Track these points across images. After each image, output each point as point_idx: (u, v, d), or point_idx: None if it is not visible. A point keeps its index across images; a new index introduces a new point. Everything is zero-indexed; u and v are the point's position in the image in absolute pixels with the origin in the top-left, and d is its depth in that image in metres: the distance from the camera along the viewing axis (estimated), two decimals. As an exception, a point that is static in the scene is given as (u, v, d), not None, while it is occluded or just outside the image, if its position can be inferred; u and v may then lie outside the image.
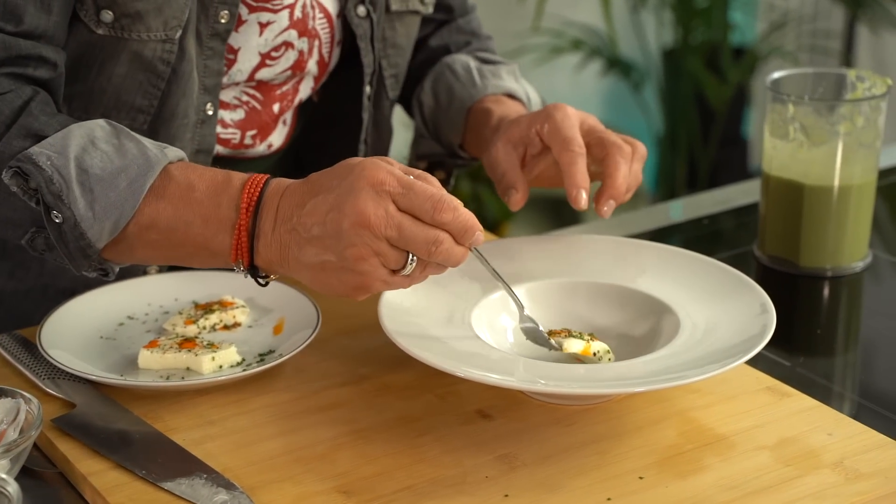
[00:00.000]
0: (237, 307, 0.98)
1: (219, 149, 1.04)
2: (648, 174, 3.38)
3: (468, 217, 0.81)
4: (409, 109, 1.21)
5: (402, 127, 1.23)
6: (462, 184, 2.91)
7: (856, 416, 0.90)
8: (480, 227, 0.82)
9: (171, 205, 0.86)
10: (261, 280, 0.87)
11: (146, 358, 0.91)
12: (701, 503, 0.77)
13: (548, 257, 0.99)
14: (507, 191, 0.98)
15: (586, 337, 0.89)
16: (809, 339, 1.06)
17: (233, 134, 1.04)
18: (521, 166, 0.99)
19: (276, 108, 1.06)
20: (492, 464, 0.82)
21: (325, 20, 1.04)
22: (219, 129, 1.03)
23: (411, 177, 0.82)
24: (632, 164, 0.97)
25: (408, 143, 1.22)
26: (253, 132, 1.06)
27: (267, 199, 0.84)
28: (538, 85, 1.21)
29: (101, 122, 0.88)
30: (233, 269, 1.06)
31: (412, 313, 0.91)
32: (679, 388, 0.89)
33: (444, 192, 0.81)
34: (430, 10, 1.13)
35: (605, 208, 0.95)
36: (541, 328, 0.90)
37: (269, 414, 0.88)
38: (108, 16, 0.92)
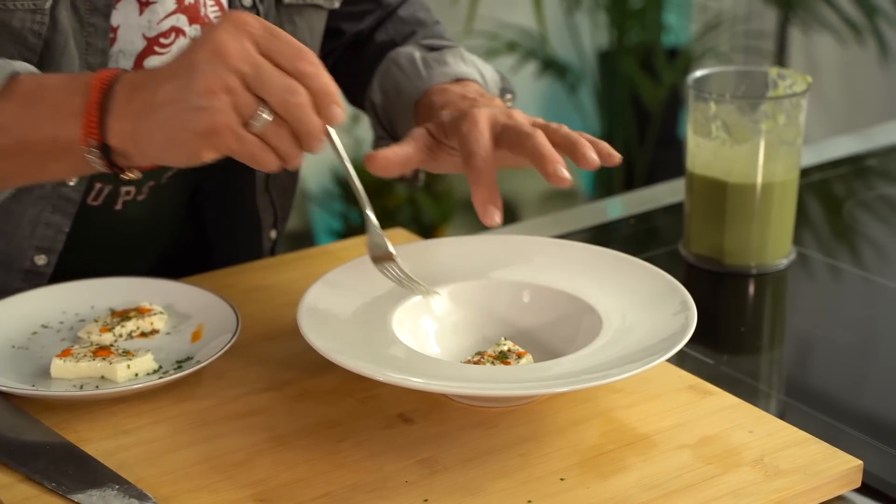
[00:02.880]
0: (155, 314, 0.96)
1: None
2: (585, 175, 3.39)
3: (329, 80, 0.78)
4: (357, 104, 1.19)
5: (336, 130, 1.21)
6: (398, 187, 2.90)
7: (780, 414, 0.91)
8: (340, 101, 0.79)
9: (21, 105, 0.83)
10: (117, 167, 0.83)
11: (59, 367, 0.89)
12: (622, 503, 0.77)
13: (469, 258, 0.98)
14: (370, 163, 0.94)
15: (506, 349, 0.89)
16: (734, 337, 1.06)
17: None
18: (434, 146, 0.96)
19: None
20: (412, 468, 0.81)
21: (216, 8, 1.02)
22: None
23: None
24: (556, 137, 0.90)
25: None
26: None
27: (123, 79, 0.81)
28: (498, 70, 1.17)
29: None
30: (152, 275, 1.05)
31: (332, 317, 0.89)
32: (602, 388, 0.89)
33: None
34: (336, 4, 1.11)
35: (561, 173, 0.88)
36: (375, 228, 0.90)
37: (186, 422, 0.86)
38: None
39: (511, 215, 2.98)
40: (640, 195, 1.39)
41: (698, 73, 1.14)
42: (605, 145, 0.89)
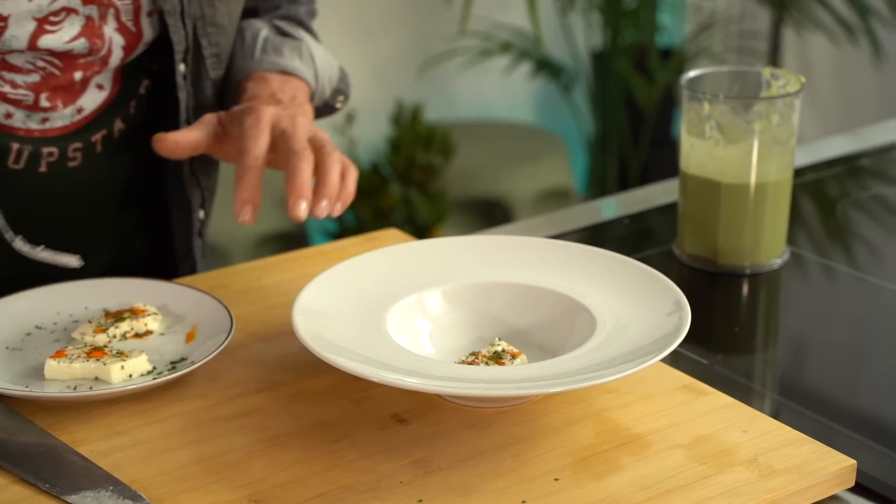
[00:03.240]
0: (149, 314, 0.96)
1: (9, 108, 1.01)
2: (579, 175, 3.39)
3: None
4: None
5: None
6: (392, 187, 2.90)
7: (774, 414, 0.91)
8: None
9: None
10: None
11: (53, 368, 0.89)
12: (616, 503, 0.77)
13: (463, 259, 0.98)
14: (173, 153, 0.99)
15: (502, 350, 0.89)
16: (728, 337, 1.07)
17: (24, 95, 1.00)
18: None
19: (77, 75, 1.02)
20: (406, 468, 0.81)
21: None
22: (7, 88, 1.00)
23: None
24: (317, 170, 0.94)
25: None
26: (47, 94, 1.02)
27: None
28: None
29: None
30: (145, 276, 1.05)
31: (326, 318, 0.89)
32: (596, 388, 0.89)
33: None
34: None
35: (298, 211, 0.92)
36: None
37: (180, 423, 0.86)
38: None
39: (505, 216, 2.98)
40: (634, 195, 1.39)
41: (692, 74, 1.14)
42: (345, 195, 0.94)
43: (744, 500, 0.77)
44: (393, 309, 0.92)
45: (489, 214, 3.01)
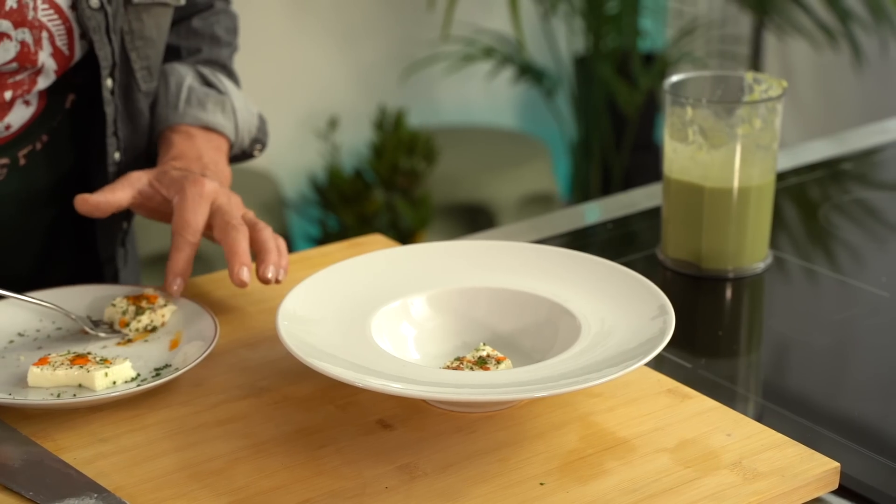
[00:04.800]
0: (165, 305, 0.97)
1: None
2: (562, 180, 3.40)
3: None
4: None
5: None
6: (376, 193, 2.90)
7: (758, 417, 0.91)
8: None
9: None
10: None
11: (36, 376, 0.88)
12: (601, 508, 0.77)
13: (447, 264, 0.98)
14: (92, 213, 1.00)
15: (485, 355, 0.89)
16: (712, 340, 1.07)
17: None
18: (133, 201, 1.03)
19: (7, 95, 1.02)
20: (392, 474, 0.81)
21: (52, 11, 1.01)
22: None
23: None
24: (254, 243, 0.99)
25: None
26: None
27: None
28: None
29: None
30: (129, 283, 1.05)
31: (311, 324, 0.89)
32: (581, 393, 0.89)
33: None
34: (182, 1, 1.11)
35: (269, 274, 0.96)
36: (94, 332, 0.96)
37: (164, 430, 0.86)
38: None
39: (489, 221, 2.98)
40: (617, 200, 1.39)
41: (675, 78, 1.15)
42: (284, 263, 0.98)
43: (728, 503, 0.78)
44: (377, 314, 0.92)
45: (473, 220, 3.01)
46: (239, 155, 1.18)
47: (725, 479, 0.80)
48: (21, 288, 1.01)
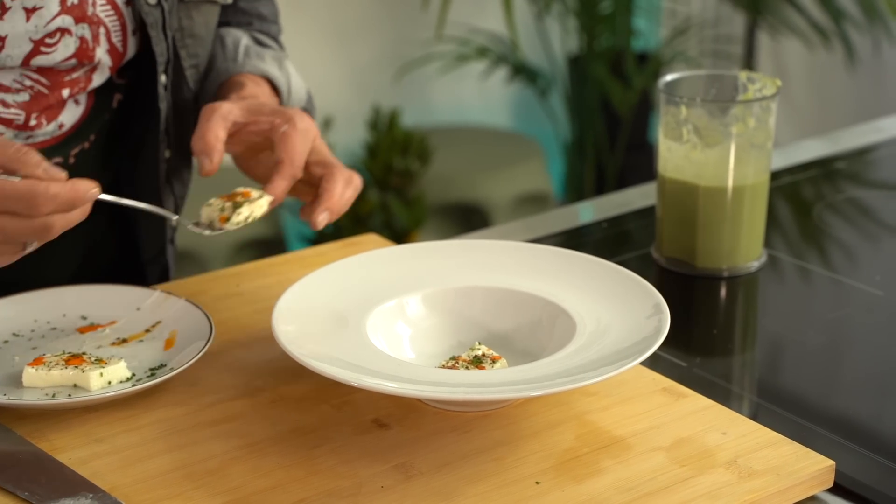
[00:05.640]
0: (261, 196, 0.95)
1: (1, 128, 1.01)
2: (557, 180, 3.40)
3: (70, 195, 0.81)
4: None
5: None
6: (370, 193, 2.90)
7: (753, 415, 0.91)
8: (91, 186, 0.83)
9: None
10: None
11: (31, 376, 0.88)
12: (597, 506, 0.77)
13: (442, 263, 0.98)
14: (201, 156, 0.96)
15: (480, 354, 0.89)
16: (706, 339, 1.07)
17: (15, 115, 1.00)
18: (230, 135, 0.99)
19: (65, 92, 1.02)
20: (388, 473, 0.81)
21: (109, 7, 1.02)
22: None
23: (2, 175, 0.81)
24: (347, 188, 0.98)
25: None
26: (37, 113, 1.02)
27: None
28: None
29: None
30: (126, 283, 1.05)
31: (306, 323, 0.89)
32: (576, 392, 0.89)
33: (40, 178, 0.82)
34: (230, 0, 1.12)
35: (321, 218, 0.96)
36: (191, 224, 0.94)
37: (159, 430, 0.86)
38: None
39: (483, 220, 2.98)
40: (611, 199, 1.39)
41: (669, 78, 1.15)
42: (334, 214, 0.97)
43: (724, 502, 0.78)
44: (373, 314, 0.92)
45: (467, 219, 3.01)
46: None
47: (721, 477, 0.80)
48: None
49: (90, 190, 0.83)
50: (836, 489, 0.83)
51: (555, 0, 3.06)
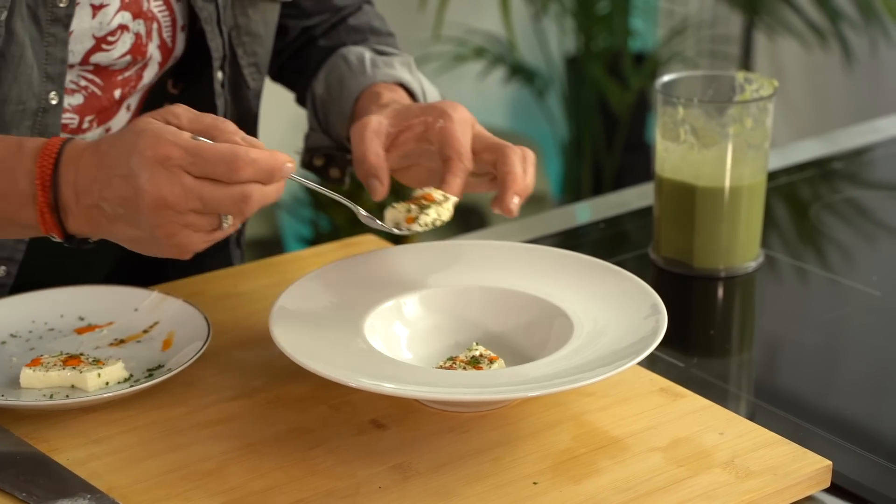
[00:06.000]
0: (447, 200, 0.91)
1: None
2: (554, 180, 3.40)
3: (270, 161, 0.79)
4: (303, 103, 1.19)
5: (302, 135, 1.20)
6: (367, 193, 2.90)
7: (750, 416, 0.91)
8: (288, 158, 0.80)
9: None
10: (85, 245, 0.85)
11: (28, 377, 0.88)
12: (594, 506, 0.77)
13: (440, 264, 0.98)
14: (369, 179, 0.93)
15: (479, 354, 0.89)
16: (704, 339, 1.07)
17: (70, 119, 1.01)
18: (387, 149, 0.95)
19: (117, 93, 1.03)
20: (386, 474, 0.81)
21: (161, 2, 1.02)
22: None
23: (201, 138, 0.79)
24: (526, 166, 0.93)
25: (289, 132, 1.19)
26: (91, 117, 1.02)
27: (63, 172, 0.81)
28: (443, 93, 1.18)
29: None
30: (119, 283, 1.05)
31: (303, 324, 0.89)
32: (573, 392, 0.89)
33: (239, 144, 0.79)
34: None
35: (513, 205, 0.91)
36: (378, 222, 0.90)
37: (157, 430, 0.86)
38: None
39: (480, 221, 2.98)
40: (609, 199, 1.39)
41: (666, 78, 1.15)
42: (523, 195, 0.92)
43: (721, 502, 0.78)
44: (370, 314, 0.92)
45: (465, 220, 3.01)
46: None
47: (718, 477, 0.80)
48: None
49: (287, 162, 0.80)
50: (833, 489, 0.83)
51: (552, 0, 3.06)
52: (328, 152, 1.14)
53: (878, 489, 0.82)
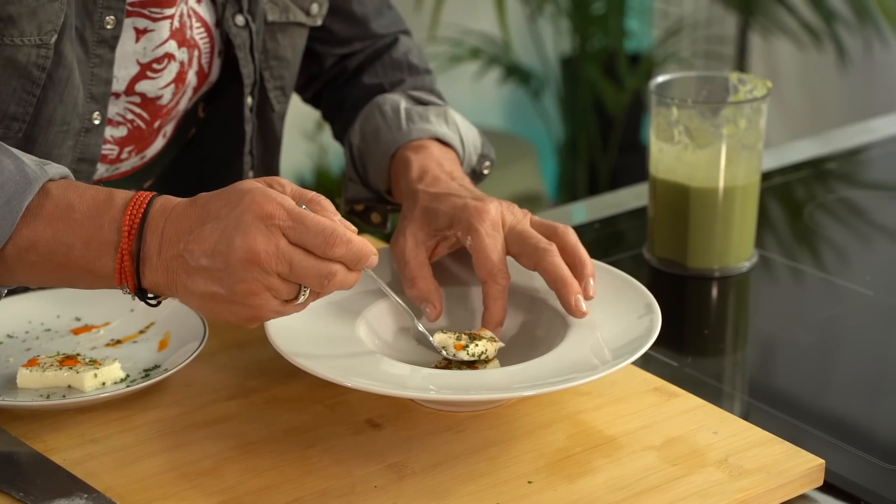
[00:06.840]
0: (495, 341, 0.90)
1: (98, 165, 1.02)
2: (549, 181, 3.40)
3: (361, 247, 0.79)
4: (340, 140, 1.18)
5: (301, 138, 1.21)
6: (364, 194, 2.90)
7: (744, 415, 0.92)
8: (374, 251, 0.80)
9: (50, 226, 0.81)
10: (151, 301, 0.84)
11: (25, 377, 0.88)
12: (589, 505, 0.78)
13: (436, 264, 0.98)
14: (423, 303, 0.94)
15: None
16: (698, 339, 1.08)
17: (110, 150, 1.02)
18: (431, 256, 0.96)
19: (157, 124, 1.04)
20: (381, 473, 0.81)
21: (202, 30, 1.03)
22: None
23: (304, 206, 0.79)
24: (575, 255, 0.92)
25: (304, 153, 1.20)
26: (130, 147, 1.03)
27: (151, 222, 0.81)
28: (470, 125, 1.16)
29: None
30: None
31: (299, 324, 0.89)
32: (568, 391, 0.90)
33: (337, 223, 0.79)
34: (319, 21, 1.11)
35: (583, 307, 0.89)
36: (431, 338, 0.89)
37: (154, 430, 0.86)
38: None
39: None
40: (604, 200, 1.40)
41: (660, 79, 1.15)
42: (587, 294, 0.90)
43: (715, 501, 0.78)
44: (366, 314, 0.92)
45: (460, 220, 3.01)
46: (468, 174, 1.09)
47: (712, 476, 0.80)
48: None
49: (373, 254, 0.80)
50: (827, 488, 0.83)
51: (547, 1, 3.06)
52: (370, 203, 1.13)
53: (871, 488, 0.83)
